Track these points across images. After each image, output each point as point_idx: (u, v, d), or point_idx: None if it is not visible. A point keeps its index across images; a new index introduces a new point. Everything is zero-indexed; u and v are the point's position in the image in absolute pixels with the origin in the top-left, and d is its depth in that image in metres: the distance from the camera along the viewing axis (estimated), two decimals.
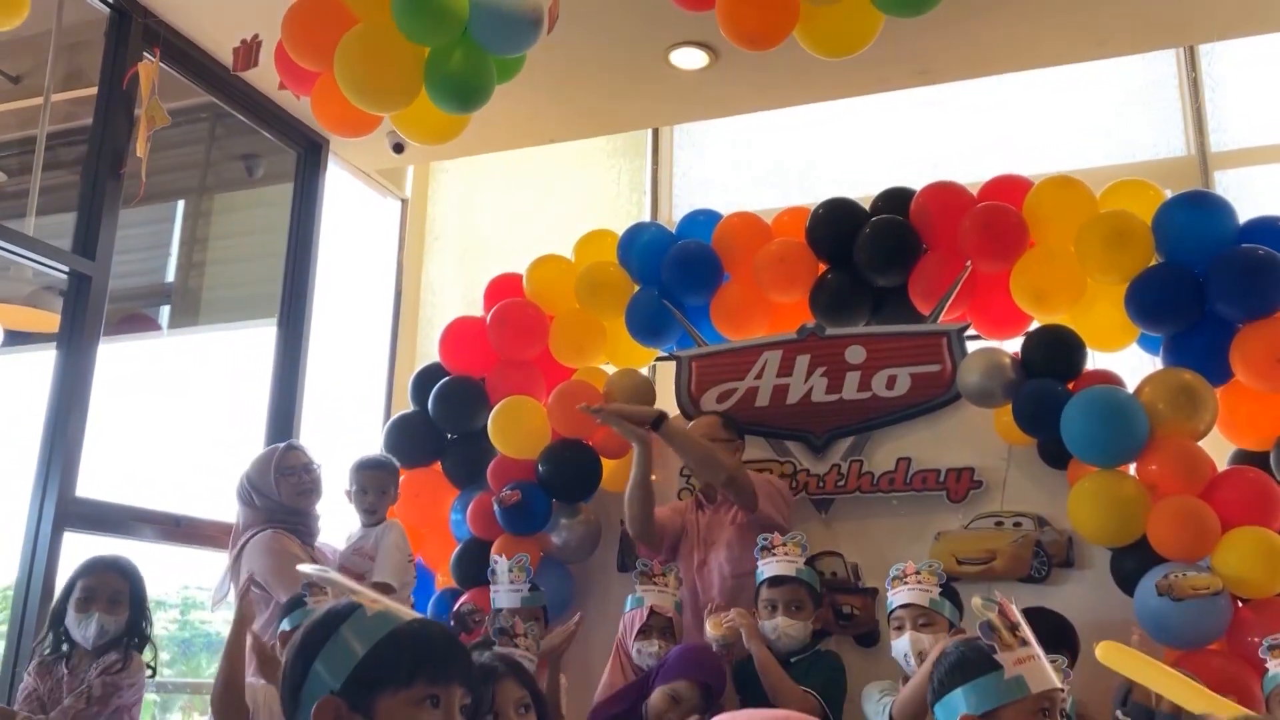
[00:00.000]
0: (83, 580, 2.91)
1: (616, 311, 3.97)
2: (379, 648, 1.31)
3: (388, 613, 1.34)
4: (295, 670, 1.34)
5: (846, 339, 3.66)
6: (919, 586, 2.83)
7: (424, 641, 1.34)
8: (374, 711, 1.29)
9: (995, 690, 1.71)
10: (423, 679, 1.31)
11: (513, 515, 3.66)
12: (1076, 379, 3.27)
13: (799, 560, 3.04)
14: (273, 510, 3.46)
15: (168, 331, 5.07)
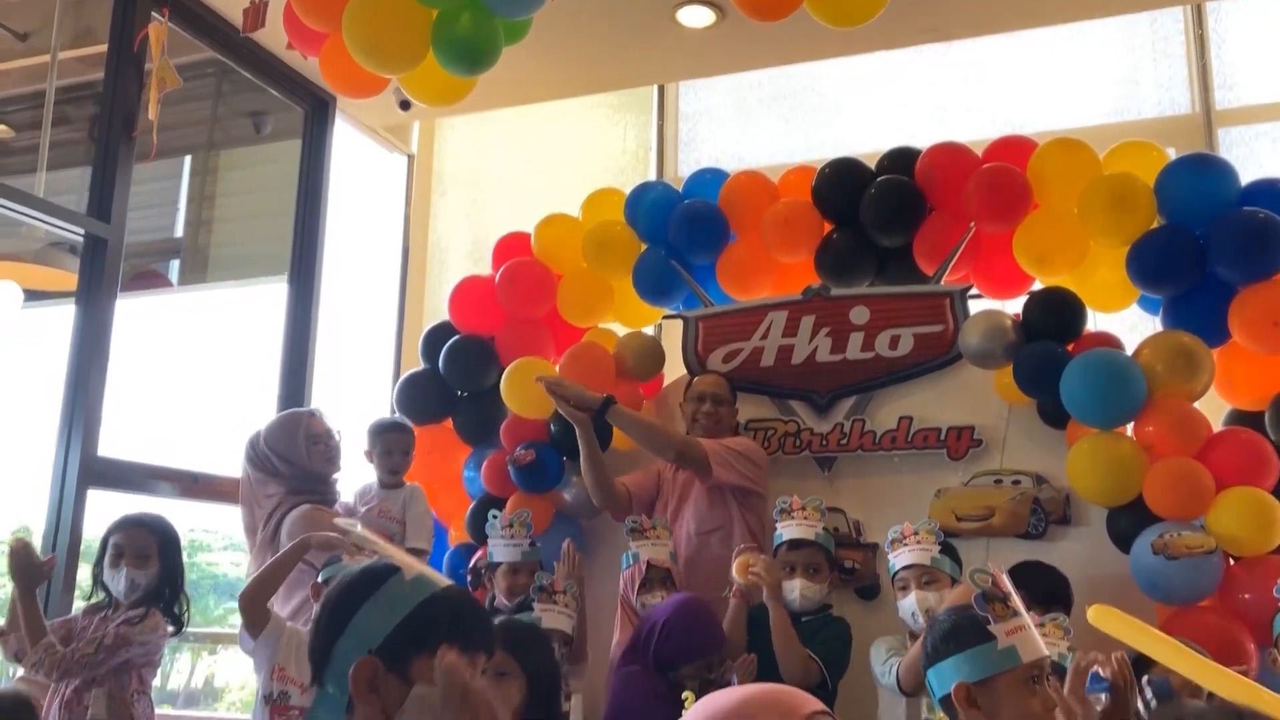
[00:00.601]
0: (114, 537, 3.01)
1: (624, 271, 4.02)
2: (416, 613, 1.37)
3: (424, 578, 1.40)
4: (332, 624, 1.39)
5: (851, 300, 3.72)
6: (919, 547, 2.92)
7: (458, 609, 1.41)
8: (409, 673, 1.35)
9: (989, 660, 1.79)
10: (457, 644, 1.37)
11: (526, 474, 3.75)
12: (1076, 341, 3.34)
13: (818, 525, 3.13)
14: (299, 478, 3.48)
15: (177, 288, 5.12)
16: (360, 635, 1.36)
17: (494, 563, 3.33)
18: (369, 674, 1.34)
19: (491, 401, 4.04)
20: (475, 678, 1.37)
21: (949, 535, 3.44)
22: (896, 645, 2.95)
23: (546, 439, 3.85)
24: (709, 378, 3.69)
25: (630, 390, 3.92)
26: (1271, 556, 3.03)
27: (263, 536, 3.46)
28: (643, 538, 3.30)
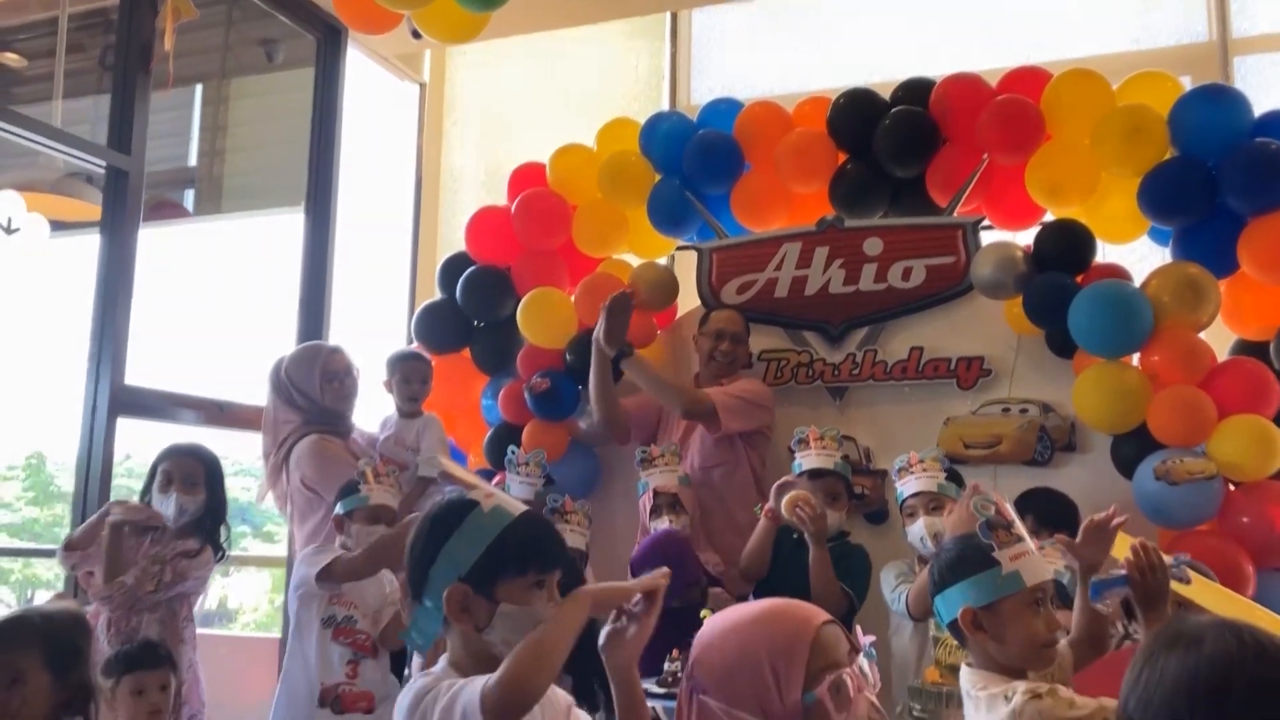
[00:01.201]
0: (163, 464, 3.12)
1: (638, 201, 4.04)
2: (497, 541, 1.54)
3: (500, 509, 1.56)
4: (425, 552, 1.57)
5: (864, 231, 3.76)
6: (926, 474, 3.01)
7: (532, 534, 1.57)
8: (494, 595, 1.53)
9: (993, 584, 1.85)
10: (533, 567, 1.55)
11: (543, 402, 3.83)
12: (1085, 272, 3.38)
13: (836, 454, 3.21)
14: (314, 411, 3.55)
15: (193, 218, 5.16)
16: (450, 563, 1.54)
17: None
18: (460, 598, 1.53)
19: (508, 331, 4.11)
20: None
21: (957, 463, 3.53)
22: (905, 571, 3.05)
23: (562, 368, 3.92)
24: (725, 314, 3.74)
25: (644, 321, 3.98)
26: (1271, 482, 3.12)
27: (274, 461, 3.56)
28: (651, 466, 3.40)
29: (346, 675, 2.91)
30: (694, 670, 1.40)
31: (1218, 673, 1.12)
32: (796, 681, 1.34)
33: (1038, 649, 1.86)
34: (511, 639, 1.50)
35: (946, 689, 2.43)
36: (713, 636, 1.42)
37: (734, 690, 1.35)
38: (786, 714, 1.33)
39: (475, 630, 1.53)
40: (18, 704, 1.95)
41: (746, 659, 1.36)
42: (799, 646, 1.36)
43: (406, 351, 3.90)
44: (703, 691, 1.37)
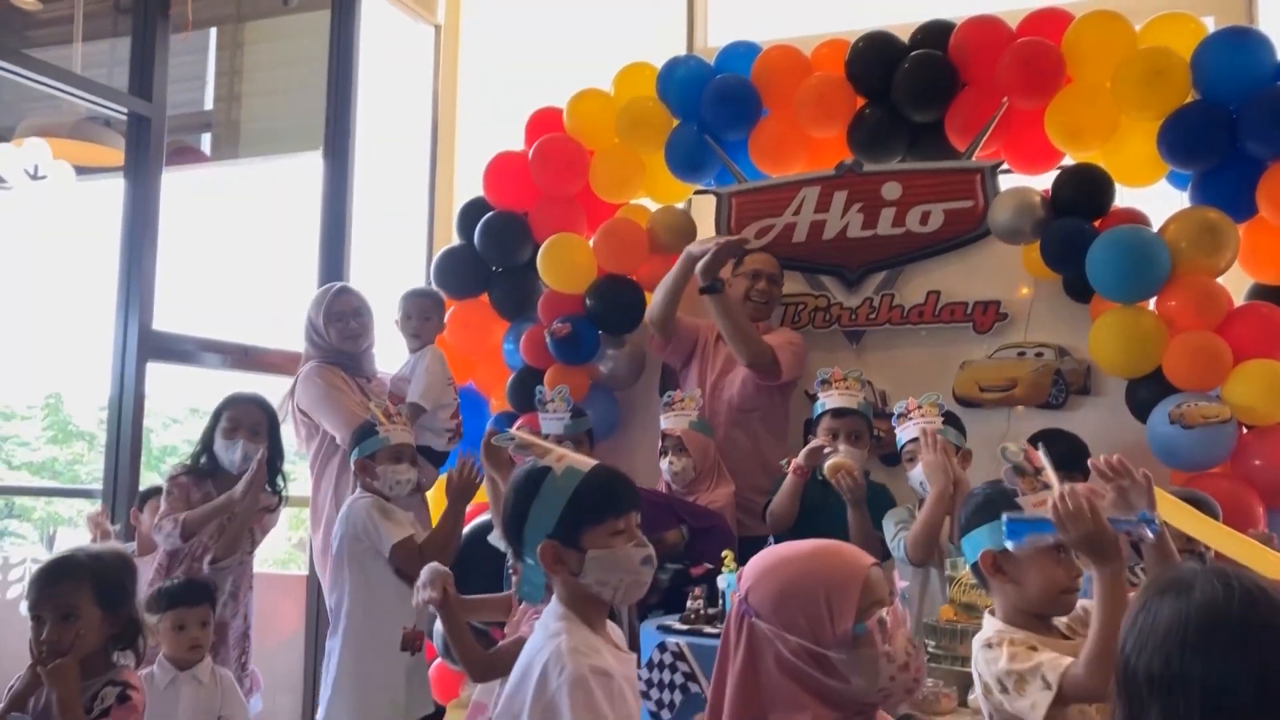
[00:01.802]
0: (228, 411, 3.23)
1: (656, 146, 4.05)
2: (573, 499, 1.71)
3: (572, 468, 1.73)
4: (516, 517, 1.76)
5: (883, 175, 3.76)
6: (924, 420, 3.05)
7: (603, 486, 1.74)
8: (580, 544, 1.71)
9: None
10: (610, 515, 1.72)
11: (563, 346, 3.88)
12: (1103, 217, 3.39)
13: (859, 394, 3.27)
14: (328, 350, 3.65)
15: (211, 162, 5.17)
16: (537, 524, 1.73)
17: (545, 435, 3.51)
18: (552, 553, 1.71)
19: (527, 276, 4.15)
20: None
21: (972, 406, 3.60)
22: (905, 518, 3.10)
23: (583, 313, 3.96)
24: (763, 255, 3.76)
25: (662, 265, 4.00)
26: None
27: (285, 393, 3.67)
28: (669, 410, 3.48)
29: None
30: (749, 596, 1.53)
31: (1205, 617, 1.18)
32: (849, 613, 1.48)
33: (1056, 595, 1.90)
34: (604, 578, 1.71)
35: (961, 626, 2.51)
36: (768, 567, 1.56)
37: (788, 617, 1.49)
38: (836, 642, 1.47)
39: (572, 576, 1.71)
40: (73, 637, 2.05)
41: (803, 590, 1.51)
42: (853, 583, 1.51)
43: (411, 289, 3.94)
44: (756, 616, 1.51)
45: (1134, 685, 1.20)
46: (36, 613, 2.08)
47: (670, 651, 2.46)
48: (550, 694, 1.59)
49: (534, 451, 1.78)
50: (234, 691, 2.90)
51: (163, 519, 3.12)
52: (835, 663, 1.47)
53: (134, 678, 2.14)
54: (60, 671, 2.01)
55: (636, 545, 1.74)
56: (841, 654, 1.47)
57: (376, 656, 2.98)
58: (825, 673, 1.48)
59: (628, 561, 1.72)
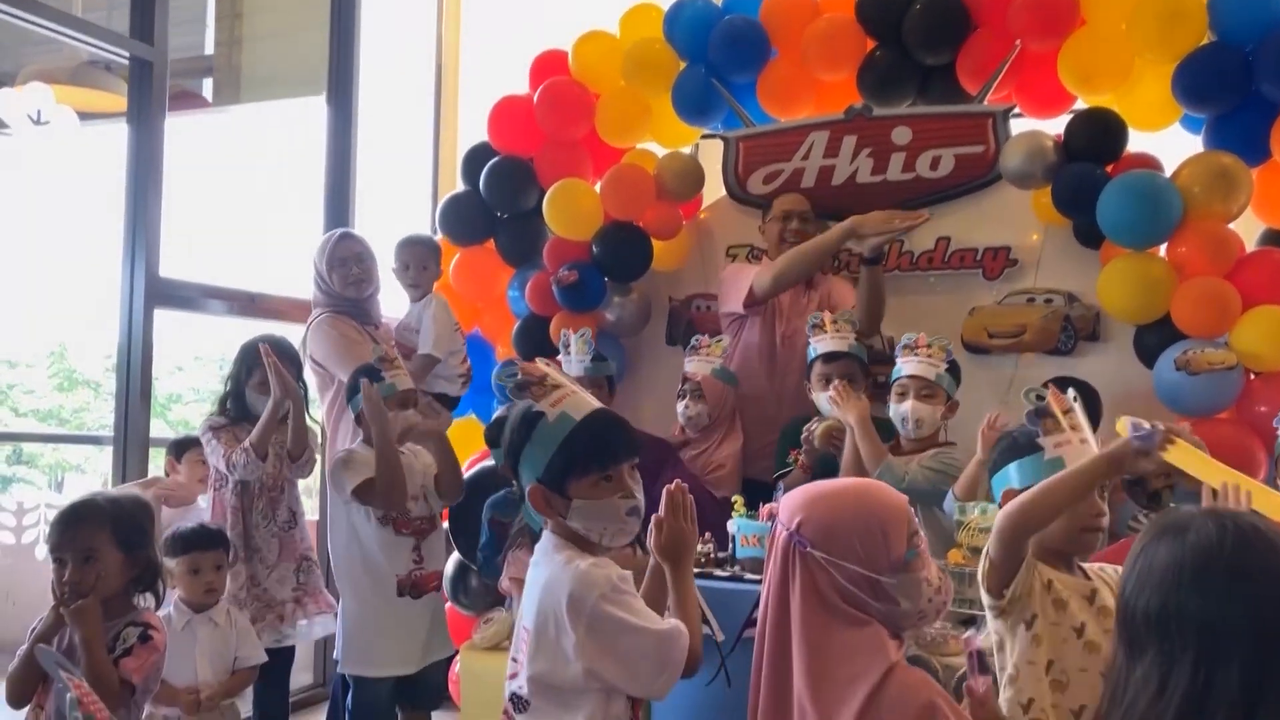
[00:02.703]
0: (259, 367, 3.23)
1: (663, 90, 4.00)
2: (562, 447, 1.74)
3: (565, 414, 1.74)
4: (510, 456, 1.81)
5: (893, 120, 3.73)
6: (928, 360, 3.04)
7: (593, 436, 1.75)
8: (567, 492, 1.75)
9: (1035, 468, 1.92)
10: (595, 466, 1.75)
11: (570, 294, 3.88)
12: (1116, 162, 3.37)
13: (850, 336, 3.26)
14: (333, 296, 3.61)
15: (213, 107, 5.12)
16: (529, 467, 1.78)
17: None
18: (540, 497, 1.77)
19: (532, 222, 4.13)
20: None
21: (980, 352, 3.61)
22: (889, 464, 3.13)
23: (589, 260, 3.95)
24: (793, 196, 3.74)
25: (669, 210, 4.00)
26: None
27: (299, 342, 3.64)
28: (695, 354, 3.49)
29: (414, 561, 3.02)
30: (801, 528, 1.66)
31: (1200, 557, 1.22)
32: (901, 540, 1.66)
33: (1078, 533, 1.91)
34: (589, 525, 1.76)
35: (970, 569, 2.53)
36: (817, 501, 1.70)
37: (845, 545, 1.64)
38: (890, 567, 1.64)
39: (560, 518, 1.77)
40: (94, 578, 2.07)
41: (860, 520, 1.66)
42: (901, 514, 1.68)
43: (407, 237, 3.88)
44: (809, 546, 1.64)
45: (1133, 626, 1.24)
46: (58, 555, 2.10)
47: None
48: (590, 608, 1.66)
49: (531, 394, 1.76)
50: (249, 634, 2.94)
51: (232, 455, 3.17)
52: (886, 587, 1.63)
53: (155, 619, 2.18)
54: (83, 612, 2.04)
55: (623, 496, 1.76)
56: (893, 579, 1.63)
57: (378, 604, 3.00)
58: (876, 596, 1.63)
59: (612, 512, 1.76)
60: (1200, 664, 1.17)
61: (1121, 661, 1.25)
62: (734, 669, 2.38)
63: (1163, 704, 1.18)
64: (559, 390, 1.77)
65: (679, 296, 4.12)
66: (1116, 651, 1.28)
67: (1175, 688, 1.17)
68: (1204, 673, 1.16)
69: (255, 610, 3.17)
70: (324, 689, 4.44)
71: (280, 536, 3.29)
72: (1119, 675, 1.25)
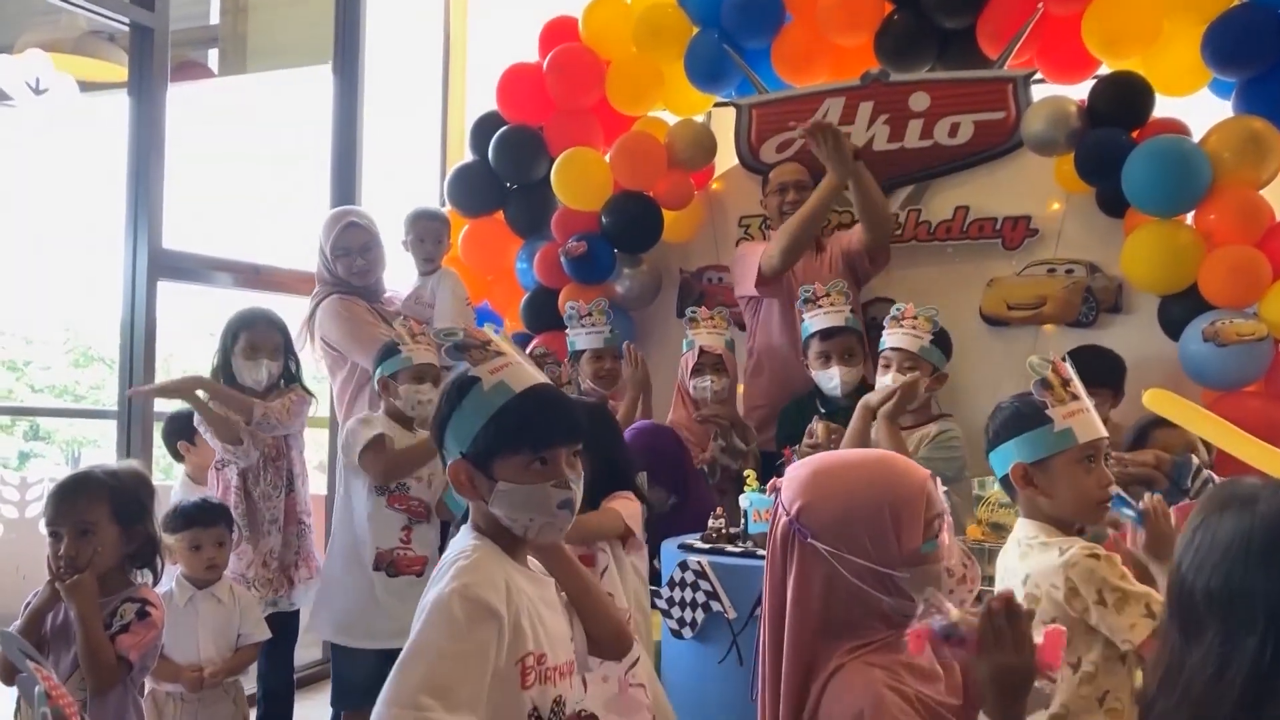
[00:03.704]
0: (246, 333, 3.17)
1: (675, 56, 3.91)
2: (492, 421, 1.50)
3: (503, 384, 1.51)
4: (438, 423, 1.57)
5: (911, 85, 3.63)
6: (913, 332, 2.96)
7: (531, 412, 1.51)
8: (493, 472, 1.51)
9: (1045, 441, 1.84)
10: (527, 447, 1.50)
11: (579, 265, 3.81)
12: (1142, 128, 3.26)
13: (845, 309, 3.17)
14: (338, 279, 3.54)
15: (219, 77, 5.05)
16: (455, 438, 1.53)
17: (577, 350, 3.46)
18: (462, 473, 1.52)
19: (542, 193, 4.06)
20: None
21: (999, 324, 3.53)
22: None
23: (598, 230, 3.88)
24: (789, 166, 3.65)
25: (681, 180, 3.91)
26: None
27: (303, 319, 3.59)
28: (699, 326, 3.40)
29: (401, 540, 2.96)
30: (800, 515, 1.41)
31: (1270, 532, 1.12)
32: (916, 529, 1.39)
33: (1090, 505, 1.87)
34: (513, 514, 1.51)
35: (989, 545, 2.47)
36: (820, 482, 1.44)
37: (849, 535, 1.39)
38: (901, 560, 1.37)
39: (482, 502, 1.53)
40: (90, 553, 2.03)
41: (866, 507, 1.39)
42: (917, 498, 1.41)
43: (422, 211, 3.81)
44: (810, 535, 1.39)
45: (1190, 604, 1.15)
46: (54, 528, 2.06)
47: (692, 570, 2.42)
48: (424, 605, 1.45)
49: (469, 357, 1.55)
50: (253, 609, 2.90)
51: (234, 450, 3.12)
52: (899, 582, 1.38)
53: (152, 595, 2.13)
54: (78, 587, 1.99)
55: (556, 485, 1.51)
56: (907, 573, 1.38)
57: (354, 571, 2.95)
58: (887, 592, 1.39)
59: (541, 502, 1.50)
60: (1266, 645, 1.08)
61: (1176, 643, 1.16)
62: (746, 647, 2.35)
63: (1222, 687, 1.09)
64: (501, 358, 1.55)
65: (690, 268, 4.04)
66: (1168, 632, 1.19)
67: (1238, 671, 1.08)
68: (1270, 654, 1.07)
69: (277, 579, 3.16)
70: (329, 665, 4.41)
71: (285, 501, 3.25)
72: (1172, 657, 1.15)
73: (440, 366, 3.09)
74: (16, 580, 4.63)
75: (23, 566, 4.61)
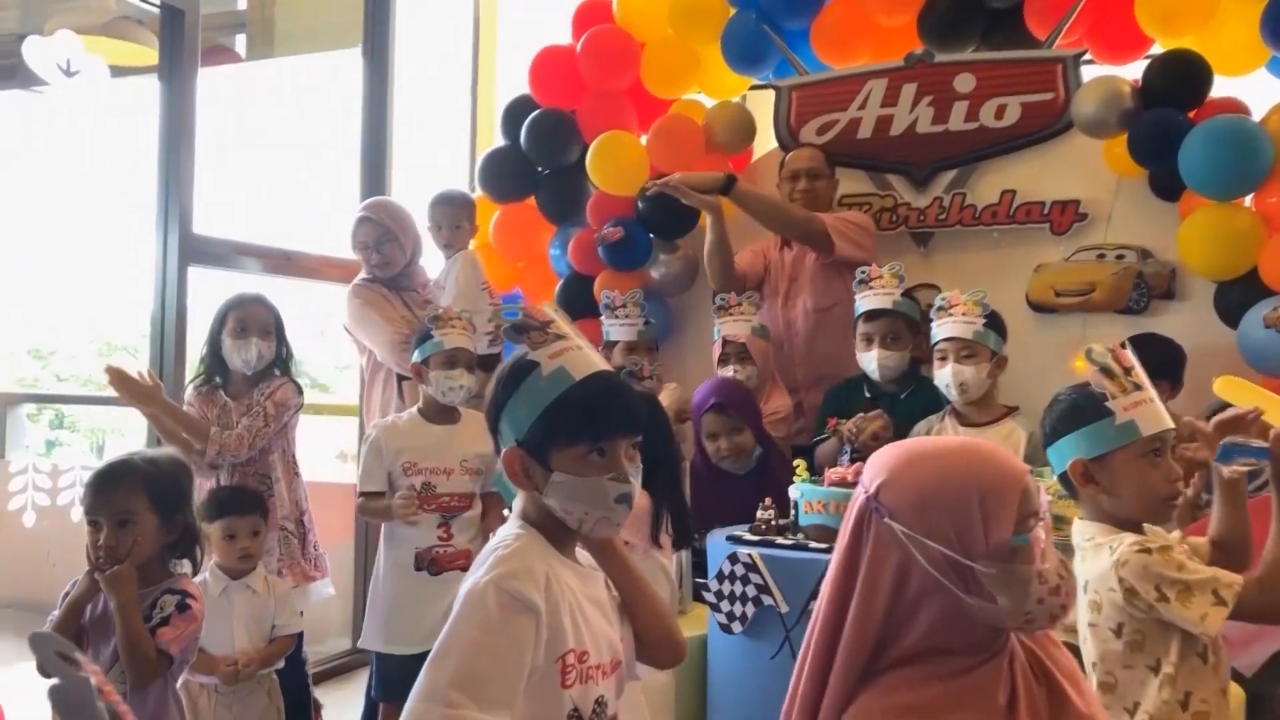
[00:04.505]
0: (234, 312, 3.07)
1: (711, 37, 3.83)
2: (550, 410, 1.43)
3: (563, 370, 1.44)
4: (494, 407, 1.50)
5: (956, 66, 3.54)
6: (964, 319, 2.87)
7: (590, 402, 1.44)
8: (549, 462, 1.44)
9: (1105, 435, 1.76)
10: (586, 437, 1.43)
11: (614, 252, 3.74)
12: (1199, 108, 3.16)
13: (895, 292, 3.09)
14: (369, 269, 3.56)
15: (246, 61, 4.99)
16: (511, 424, 1.47)
17: (610, 341, 3.40)
18: (516, 462, 1.46)
19: (574, 178, 3.99)
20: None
21: (1046, 311, 3.44)
22: (934, 424, 2.97)
23: (634, 216, 3.80)
24: (803, 152, 3.58)
25: (719, 164, 3.83)
26: None
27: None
28: (726, 314, 3.34)
29: (440, 538, 2.92)
30: (880, 493, 1.30)
31: None
32: (1007, 522, 1.25)
33: (1156, 502, 1.78)
34: (568, 506, 1.45)
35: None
36: (906, 462, 1.33)
37: (931, 519, 1.26)
38: (988, 553, 1.25)
39: (536, 492, 1.47)
40: (130, 543, 1.97)
41: (953, 491, 1.27)
42: (1012, 487, 1.27)
43: (436, 196, 3.75)
44: (888, 515, 1.29)
45: None
46: (92, 517, 2.00)
47: (742, 563, 2.35)
48: (459, 596, 1.40)
49: (529, 340, 1.47)
50: (287, 601, 2.85)
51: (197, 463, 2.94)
52: (982, 577, 1.24)
53: (192, 586, 2.08)
54: (118, 578, 1.94)
55: (614, 479, 1.44)
56: (991, 568, 1.24)
57: (395, 576, 2.94)
58: (967, 588, 1.25)
59: (599, 495, 1.43)
60: None
61: None
62: (799, 643, 2.27)
63: None
64: (562, 341, 1.47)
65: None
66: None
67: None
68: None
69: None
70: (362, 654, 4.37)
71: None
72: None
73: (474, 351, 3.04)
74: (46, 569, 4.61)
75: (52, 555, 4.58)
